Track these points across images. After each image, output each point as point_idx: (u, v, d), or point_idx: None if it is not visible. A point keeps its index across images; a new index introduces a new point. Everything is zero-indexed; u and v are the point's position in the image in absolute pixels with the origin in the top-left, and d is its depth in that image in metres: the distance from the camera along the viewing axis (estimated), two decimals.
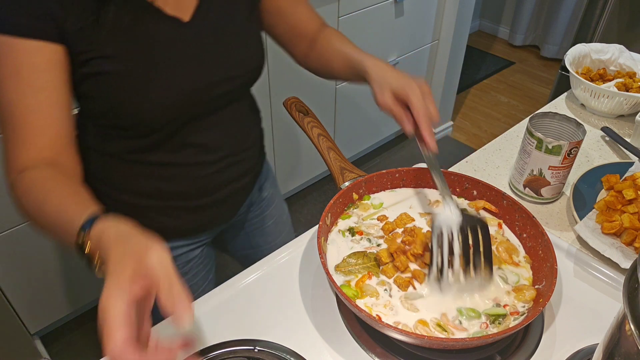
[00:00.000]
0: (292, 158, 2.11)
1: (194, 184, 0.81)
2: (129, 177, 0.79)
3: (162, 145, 0.76)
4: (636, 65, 1.13)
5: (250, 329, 0.67)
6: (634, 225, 0.75)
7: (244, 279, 0.75)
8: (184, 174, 0.79)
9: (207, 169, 0.80)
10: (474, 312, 0.64)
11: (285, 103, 0.91)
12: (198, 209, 0.84)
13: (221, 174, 0.83)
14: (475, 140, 2.75)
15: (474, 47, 3.59)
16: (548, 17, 3.35)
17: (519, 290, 0.66)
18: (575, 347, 0.64)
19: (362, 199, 0.80)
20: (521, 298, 0.65)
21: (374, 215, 0.78)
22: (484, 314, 0.64)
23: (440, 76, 2.48)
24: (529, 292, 0.65)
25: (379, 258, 0.69)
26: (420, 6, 2.17)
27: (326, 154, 0.83)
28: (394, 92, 0.73)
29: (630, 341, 0.42)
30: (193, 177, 0.80)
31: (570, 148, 0.79)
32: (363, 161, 2.54)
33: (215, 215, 0.88)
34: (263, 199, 1.00)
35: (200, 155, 0.79)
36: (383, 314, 0.63)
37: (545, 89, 3.18)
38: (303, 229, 0.81)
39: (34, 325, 1.60)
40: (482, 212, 0.78)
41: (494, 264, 0.69)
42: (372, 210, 0.79)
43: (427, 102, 0.71)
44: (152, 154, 0.76)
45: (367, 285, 0.67)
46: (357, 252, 0.71)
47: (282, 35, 0.89)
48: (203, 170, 0.80)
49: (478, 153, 1.01)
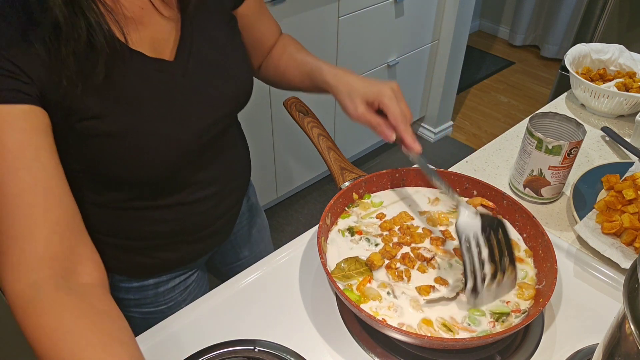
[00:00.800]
0: (292, 158, 2.11)
1: (192, 219, 0.78)
2: (126, 224, 0.74)
3: (160, 190, 0.72)
4: (636, 65, 1.13)
5: (250, 329, 0.67)
6: (634, 225, 0.75)
7: (244, 279, 0.75)
8: (182, 213, 0.76)
9: (205, 204, 0.77)
10: (479, 311, 0.64)
11: (285, 103, 0.91)
12: (197, 241, 0.82)
13: (217, 206, 0.80)
14: (475, 140, 2.75)
15: (474, 47, 3.60)
16: (548, 17, 3.35)
17: (520, 287, 0.66)
18: (575, 347, 0.64)
19: (363, 198, 0.80)
20: (520, 296, 0.65)
21: (373, 214, 0.78)
22: (489, 312, 0.64)
23: (440, 76, 2.48)
24: (528, 292, 0.65)
25: (370, 263, 0.69)
26: (420, 6, 2.17)
27: (326, 154, 0.83)
28: (366, 101, 0.70)
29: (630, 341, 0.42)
30: (191, 214, 0.77)
31: (570, 148, 0.79)
32: (363, 161, 2.54)
33: (212, 242, 0.86)
34: (250, 209, 0.98)
35: (198, 192, 0.75)
36: (388, 317, 0.63)
37: (545, 89, 3.18)
38: (303, 229, 0.81)
39: None
40: (480, 209, 0.79)
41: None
42: (372, 209, 0.79)
43: (400, 103, 0.69)
44: (150, 200, 0.72)
45: (369, 289, 0.66)
46: (349, 257, 0.70)
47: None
48: (201, 206, 0.77)
49: (478, 153, 1.01)
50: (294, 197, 2.32)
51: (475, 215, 0.66)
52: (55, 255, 0.53)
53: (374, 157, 2.57)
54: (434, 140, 2.72)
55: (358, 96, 0.70)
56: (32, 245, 0.52)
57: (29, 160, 0.53)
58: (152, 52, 0.63)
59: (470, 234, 0.65)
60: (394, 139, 0.70)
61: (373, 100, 0.70)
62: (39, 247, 0.52)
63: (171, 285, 0.85)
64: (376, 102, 0.70)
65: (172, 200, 0.74)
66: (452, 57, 2.42)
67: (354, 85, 0.71)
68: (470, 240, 0.64)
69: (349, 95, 0.71)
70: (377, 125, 0.70)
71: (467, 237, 0.64)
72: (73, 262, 0.55)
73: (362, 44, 2.04)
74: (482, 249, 0.64)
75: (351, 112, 0.71)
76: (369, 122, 0.71)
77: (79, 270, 0.55)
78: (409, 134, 0.69)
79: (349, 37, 1.97)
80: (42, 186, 0.54)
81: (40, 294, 0.51)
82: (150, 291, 0.83)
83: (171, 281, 0.84)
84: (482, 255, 0.64)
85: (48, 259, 0.53)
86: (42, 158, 0.54)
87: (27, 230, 0.52)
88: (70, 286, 0.53)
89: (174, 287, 0.85)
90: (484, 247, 0.64)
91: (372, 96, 0.69)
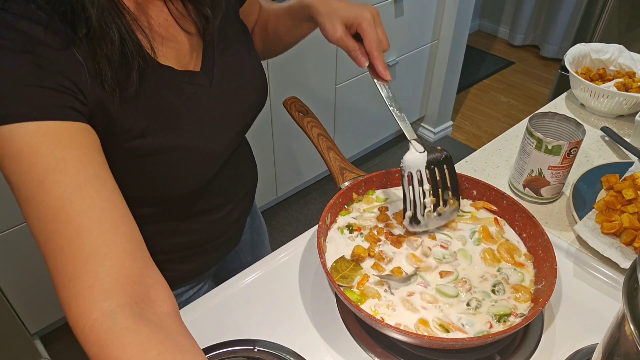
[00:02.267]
0: (292, 158, 2.11)
1: (209, 228, 0.78)
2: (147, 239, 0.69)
3: (183, 202, 0.71)
4: (636, 65, 1.13)
5: (250, 329, 0.67)
6: (633, 225, 0.75)
7: (244, 279, 0.75)
8: (199, 223, 0.76)
9: (220, 211, 0.78)
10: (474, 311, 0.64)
11: (285, 103, 0.91)
12: (212, 250, 0.82)
13: (231, 213, 0.80)
14: (475, 140, 2.75)
15: (474, 47, 3.59)
16: (548, 17, 3.35)
17: (517, 290, 0.66)
18: (575, 347, 0.64)
19: (367, 194, 0.81)
20: (517, 299, 0.65)
21: (375, 208, 0.78)
22: (489, 314, 0.64)
23: (440, 76, 2.48)
24: (524, 296, 0.65)
25: (357, 257, 0.69)
26: (420, 6, 2.17)
27: (326, 154, 0.83)
28: (345, 23, 0.69)
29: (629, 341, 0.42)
30: (207, 222, 0.77)
31: (569, 148, 0.79)
32: (363, 161, 2.54)
33: (225, 249, 0.86)
34: (251, 212, 0.97)
35: (213, 200, 0.76)
36: (387, 315, 0.63)
37: (545, 88, 3.18)
38: (303, 229, 0.81)
39: (34, 325, 1.60)
40: (482, 212, 0.79)
41: (494, 264, 0.69)
42: (375, 203, 0.79)
43: (378, 29, 0.69)
44: (172, 213, 0.72)
45: (368, 288, 0.67)
46: (338, 258, 0.70)
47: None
48: (216, 214, 0.78)
49: (478, 153, 1.01)
50: (294, 197, 2.32)
51: (423, 152, 0.71)
52: (130, 279, 0.47)
53: (374, 157, 2.57)
54: (433, 140, 2.73)
55: (338, 18, 0.69)
56: (106, 267, 0.46)
57: (92, 176, 0.49)
58: (178, 64, 0.63)
59: (414, 170, 0.70)
60: (367, 65, 0.71)
61: (352, 23, 0.69)
62: (112, 270, 0.46)
63: (185, 298, 0.84)
64: (355, 26, 0.69)
65: (191, 211, 0.74)
66: (452, 57, 2.42)
67: (334, 7, 0.70)
68: (413, 174, 0.70)
69: (329, 17, 0.70)
70: (353, 50, 0.70)
71: (410, 172, 0.70)
72: (146, 286, 0.49)
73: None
74: (425, 183, 0.71)
75: (330, 34, 0.70)
76: (346, 45, 0.70)
77: (153, 297, 0.49)
78: (381, 61, 0.70)
79: None
80: (107, 202, 0.49)
81: (120, 325, 0.44)
82: None
83: (185, 294, 0.84)
84: (423, 188, 0.70)
85: (123, 283, 0.47)
86: (103, 174, 0.51)
87: (98, 250, 0.47)
88: (147, 316, 0.47)
89: (187, 300, 0.84)
90: (426, 182, 0.71)
91: (351, 19, 0.69)
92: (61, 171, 0.48)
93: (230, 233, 0.84)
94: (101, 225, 0.48)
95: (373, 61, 0.70)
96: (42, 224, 0.47)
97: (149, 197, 0.67)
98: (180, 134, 0.62)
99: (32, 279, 1.50)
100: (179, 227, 0.74)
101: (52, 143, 0.48)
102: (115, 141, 0.57)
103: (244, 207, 0.84)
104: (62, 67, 0.50)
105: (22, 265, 1.46)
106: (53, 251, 0.47)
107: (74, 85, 0.51)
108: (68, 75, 0.51)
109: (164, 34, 0.62)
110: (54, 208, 0.47)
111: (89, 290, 0.45)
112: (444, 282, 0.67)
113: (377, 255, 0.70)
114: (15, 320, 1.48)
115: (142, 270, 0.50)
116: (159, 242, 0.74)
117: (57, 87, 0.50)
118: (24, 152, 0.47)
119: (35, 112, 0.48)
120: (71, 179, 0.48)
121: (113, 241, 0.48)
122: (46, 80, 0.49)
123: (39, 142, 0.48)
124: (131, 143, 0.58)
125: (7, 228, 1.38)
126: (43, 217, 0.47)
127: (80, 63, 0.52)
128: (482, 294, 0.66)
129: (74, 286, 0.46)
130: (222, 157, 0.70)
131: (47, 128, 0.48)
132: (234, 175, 0.78)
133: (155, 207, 0.70)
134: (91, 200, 0.48)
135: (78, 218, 0.47)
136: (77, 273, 0.46)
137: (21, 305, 1.51)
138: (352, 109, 2.20)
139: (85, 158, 0.50)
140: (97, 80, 0.53)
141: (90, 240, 0.47)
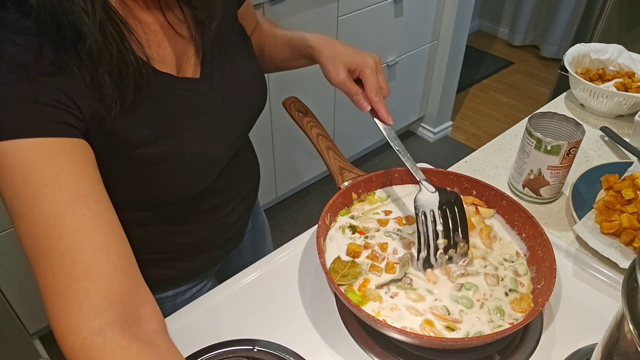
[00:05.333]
0: (292, 158, 2.11)
1: (211, 228, 0.78)
2: (148, 240, 0.72)
3: (184, 204, 0.72)
4: (635, 65, 1.13)
5: (250, 329, 0.67)
6: (632, 225, 0.75)
7: (244, 279, 0.75)
8: (201, 222, 0.76)
9: (222, 211, 0.78)
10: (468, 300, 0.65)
11: (284, 103, 0.91)
12: (214, 248, 0.82)
13: (233, 212, 0.80)
14: (475, 140, 2.75)
15: (474, 47, 3.60)
16: (547, 17, 3.35)
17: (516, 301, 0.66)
18: (574, 347, 0.64)
19: (369, 194, 0.81)
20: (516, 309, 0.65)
21: (379, 209, 0.78)
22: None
23: (440, 76, 2.48)
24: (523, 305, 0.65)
25: (353, 253, 0.70)
26: (419, 6, 2.17)
27: (325, 154, 0.83)
28: (349, 68, 0.71)
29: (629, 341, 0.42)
30: (209, 222, 0.77)
31: (569, 148, 0.79)
32: (363, 161, 2.54)
33: (228, 247, 0.86)
34: (253, 211, 0.97)
35: (215, 200, 0.76)
36: (390, 318, 0.63)
37: (545, 89, 3.18)
38: (303, 228, 0.81)
39: (33, 325, 1.59)
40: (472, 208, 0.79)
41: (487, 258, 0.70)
42: (378, 204, 0.79)
43: (379, 76, 0.71)
44: (173, 215, 0.72)
45: (369, 290, 0.66)
46: (335, 259, 0.70)
47: None
48: (218, 214, 0.78)
49: (477, 153, 1.01)
50: (294, 197, 2.32)
51: (434, 192, 0.70)
52: (120, 297, 0.48)
53: (374, 157, 2.58)
54: (433, 140, 2.73)
55: (341, 62, 0.71)
56: (97, 285, 0.46)
57: (85, 193, 0.49)
58: (177, 71, 0.63)
59: (427, 209, 0.68)
60: (369, 109, 0.73)
61: (355, 69, 0.71)
62: (103, 288, 0.47)
63: (188, 295, 0.84)
64: (358, 71, 0.71)
65: (193, 212, 0.74)
66: (452, 57, 2.42)
67: (338, 51, 0.72)
68: (426, 214, 0.68)
69: (332, 60, 0.72)
70: (355, 94, 0.72)
71: (424, 212, 0.68)
72: (136, 304, 0.50)
73: (361, 43, 2.04)
74: (438, 224, 0.69)
75: (332, 78, 0.72)
76: (349, 89, 0.72)
77: (142, 314, 0.50)
78: (382, 106, 0.72)
79: (349, 37, 1.97)
80: (99, 219, 0.49)
81: (110, 342, 0.45)
82: (169, 302, 0.82)
83: (188, 291, 0.84)
84: (436, 228, 0.69)
85: (113, 301, 0.47)
86: (96, 190, 0.51)
87: (89, 268, 0.47)
88: (137, 333, 0.47)
89: (190, 298, 0.85)
90: (439, 222, 0.69)
91: (355, 64, 0.71)
92: (54, 188, 0.48)
93: (233, 232, 0.84)
94: (93, 243, 0.48)
95: (374, 106, 0.72)
96: (34, 240, 0.47)
97: (151, 200, 0.68)
98: (181, 140, 0.62)
99: (32, 279, 1.47)
100: (180, 228, 0.75)
101: (46, 160, 0.48)
102: (115, 151, 0.57)
103: (246, 206, 0.85)
104: (58, 81, 0.50)
105: (22, 265, 1.46)
106: (44, 268, 0.47)
107: (70, 100, 0.51)
108: (64, 90, 0.50)
109: (162, 41, 0.62)
110: (46, 225, 0.47)
111: (78, 308, 0.46)
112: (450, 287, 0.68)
113: (372, 255, 0.70)
114: (14, 320, 1.48)
115: (132, 287, 0.50)
116: (161, 242, 0.75)
117: (53, 102, 0.50)
118: (17, 168, 0.47)
119: (30, 128, 0.48)
120: (64, 195, 0.48)
121: (104, 259, 0.48)
122: (41, 96, 0.49)
123: (32, 159, 0.47)
124: (133, 152, 0.58)
125: (7, 228, 1.38)
126: (35, 233, 0.47)
127: (78, 77, 0.52)
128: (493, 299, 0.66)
129: (64, 303, 0.46)
130: (223, 161, 0.70)
131: (42, 144, 0.48)
132: (235, 176, 0.78)
133: (157, 210, 0.70)
134: (84, 217, 0.48)
135: (70, 235, 0.47)
136: (68, 290, 0.46)
137: (20, 305, 1.51)
138: (352, 109, 2.19)
139: (79, 174, 0.50)
140: (95, 93, 0.53)
141: (82, 258, 0.47)
